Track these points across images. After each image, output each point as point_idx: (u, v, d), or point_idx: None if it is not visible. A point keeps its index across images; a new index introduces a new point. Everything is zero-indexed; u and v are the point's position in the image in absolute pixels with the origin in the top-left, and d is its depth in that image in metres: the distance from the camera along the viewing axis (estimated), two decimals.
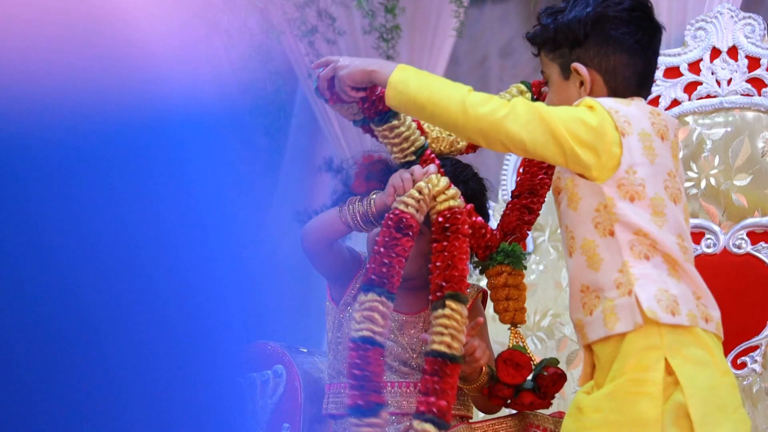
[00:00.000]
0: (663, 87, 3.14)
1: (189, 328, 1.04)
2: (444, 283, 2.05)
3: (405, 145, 2.19)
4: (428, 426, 1.98)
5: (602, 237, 1.96)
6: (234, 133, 1.14)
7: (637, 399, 1.87)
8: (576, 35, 2.04)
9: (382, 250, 2.05)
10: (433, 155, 2.22)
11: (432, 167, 2.14)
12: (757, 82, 3.05)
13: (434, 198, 2.11)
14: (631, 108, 1.99)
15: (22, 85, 0.96)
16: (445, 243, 2.07)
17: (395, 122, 2.18)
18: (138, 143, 1.02)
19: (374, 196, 2.18)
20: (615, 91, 2.04)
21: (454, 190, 2.13)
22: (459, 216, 2.09)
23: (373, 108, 2.16)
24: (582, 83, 2.05)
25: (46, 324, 0.97)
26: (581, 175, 1.98)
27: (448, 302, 2.05)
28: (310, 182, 2.16)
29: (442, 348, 2.02)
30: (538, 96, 2.41)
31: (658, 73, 3.15)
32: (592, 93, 2.04)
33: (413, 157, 2.19)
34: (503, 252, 2.35)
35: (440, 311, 2.05)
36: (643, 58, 2.06)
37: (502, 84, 4.27)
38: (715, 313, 1.96)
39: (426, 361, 2.04)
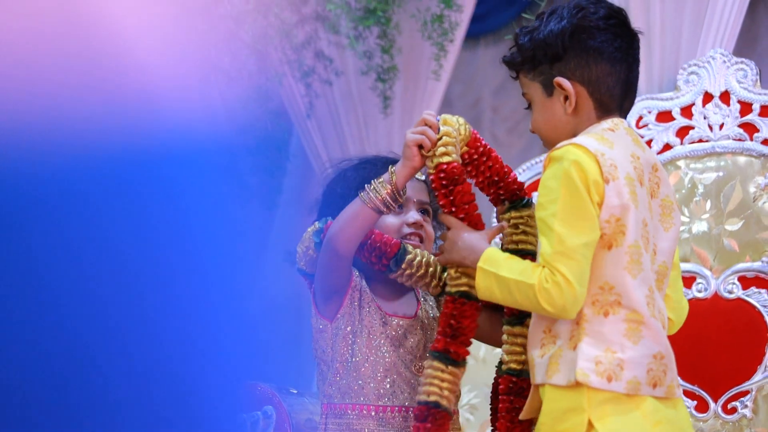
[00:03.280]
0: (655, 131, 3.15)
1: (181, 368, 1.04)
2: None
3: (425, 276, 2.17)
4: None
5: None
6: (230, 173, 1.14)
7: None
8: (555, 50, 2.01)
9: (452, 206, 2.03)
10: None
11: (427, 112, 2.10)
12: (749, 127, 3.06)
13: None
14: (615, 150, 1.95)
15: (16, 115, 0.96)
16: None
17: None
18: (133, 180, 1.02)
19: (393, 169, 2.08)
20: (601, 103, 2.01)
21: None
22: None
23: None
24: (566, 98, 2.01)
25: (41, 353, 0.97)
26: None
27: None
28: (305, 223, 2.15)
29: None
30: None
31: (651, 117, 3.16)
32: (577, 106, 2.00)
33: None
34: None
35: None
36: (624, 66, 2.03)
37: (495, 126, 4.29)
38: (670, 375, 1.92)
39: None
